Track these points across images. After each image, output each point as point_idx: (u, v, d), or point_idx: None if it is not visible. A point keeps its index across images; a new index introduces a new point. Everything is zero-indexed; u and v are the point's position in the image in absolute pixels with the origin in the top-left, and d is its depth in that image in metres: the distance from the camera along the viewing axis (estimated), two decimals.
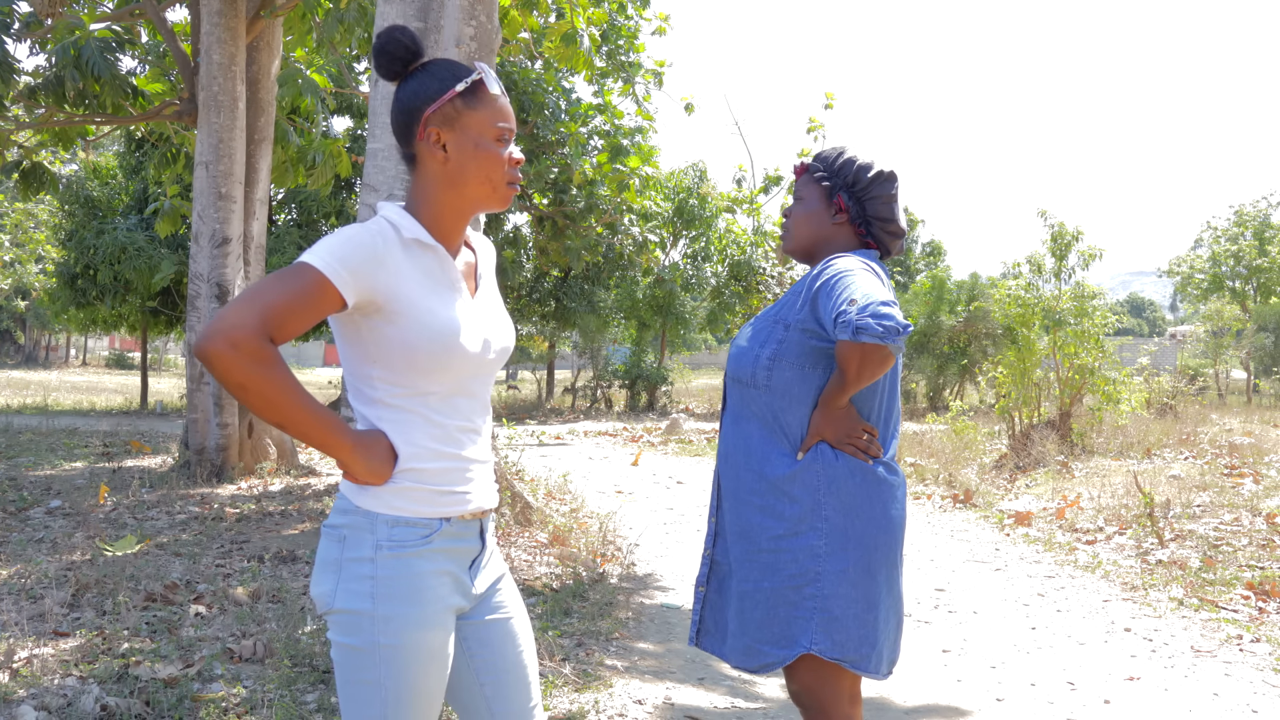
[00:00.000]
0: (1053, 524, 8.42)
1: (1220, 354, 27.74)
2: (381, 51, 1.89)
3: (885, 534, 2.41)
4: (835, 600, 2.37)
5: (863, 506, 2.39)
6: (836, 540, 2.38)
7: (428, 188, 1.92)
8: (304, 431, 1.78)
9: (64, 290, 20.56)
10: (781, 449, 2.44)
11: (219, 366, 1.69)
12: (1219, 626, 5.45)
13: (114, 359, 51.92)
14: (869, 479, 2.41)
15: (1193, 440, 13.20)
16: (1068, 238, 13.41)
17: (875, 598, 2.40)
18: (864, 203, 2.58)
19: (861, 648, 2.38)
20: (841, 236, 2.59)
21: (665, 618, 5.56)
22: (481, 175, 1.90)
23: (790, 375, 2.44)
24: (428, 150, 1.90)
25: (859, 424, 2.42)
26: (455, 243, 1.96)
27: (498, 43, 6.13)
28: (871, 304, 2.22)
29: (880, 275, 2.42)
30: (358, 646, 1.83)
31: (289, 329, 1.75)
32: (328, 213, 21.77)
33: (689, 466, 13.25)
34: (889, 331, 2.18)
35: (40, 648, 4.35)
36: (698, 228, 25.81)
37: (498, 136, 1.90)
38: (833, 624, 2.37)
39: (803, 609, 2.38)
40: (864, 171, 2.57)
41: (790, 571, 2.39)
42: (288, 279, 1.75)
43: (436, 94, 1.88)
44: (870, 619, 2.39)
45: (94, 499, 8.25)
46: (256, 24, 10.10)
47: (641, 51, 14.75)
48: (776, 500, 2.42)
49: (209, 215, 9.63)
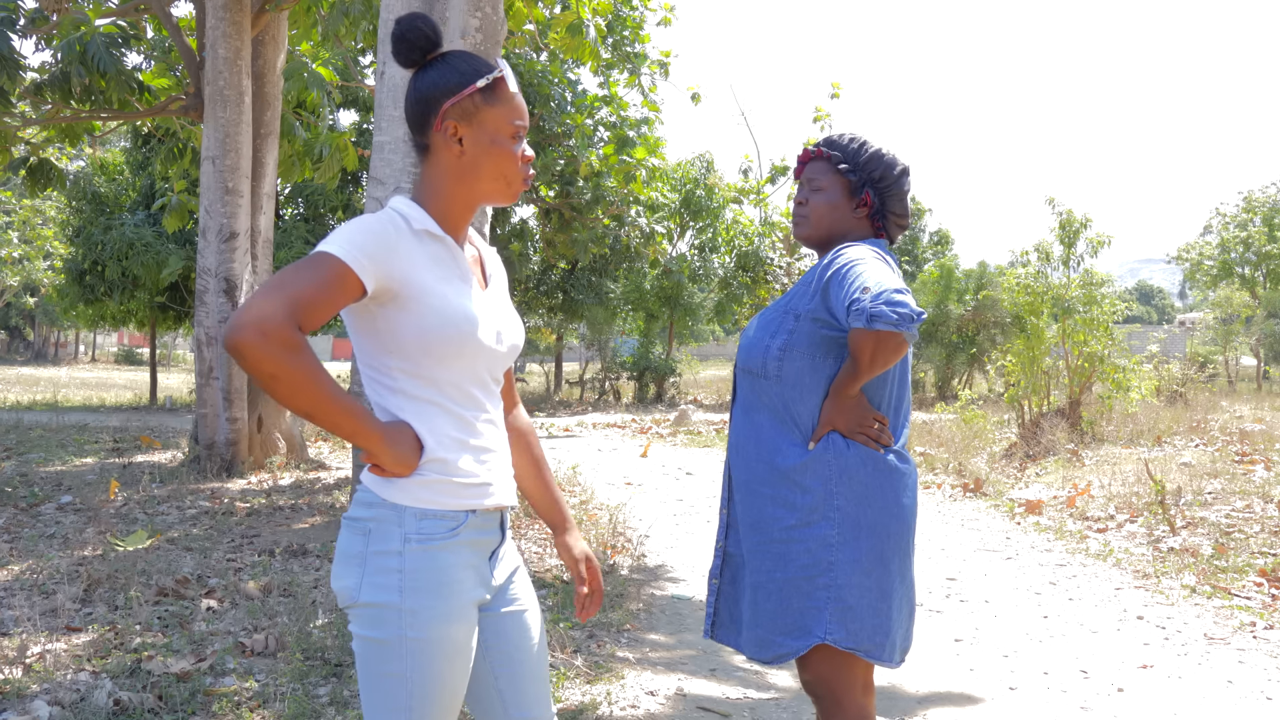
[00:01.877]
0: (1063, 512, 8.40)
1: (1230, 341, 27.62)
2: (401, 39, 1.89)
3: (897, 522, 2.40)
4: (849, 590, 2.36)
5: (875, 495, 2.38)
6: (849, 529, 2.37)
7: (439, 179, 1.92)
8: (334, 421, 1.77)
9: (72, 286, 20.62)
10: (793, 439, 2.43)
11: (251, 357, 1.67)
12: (1232, 614, 5.43)
13: (123, 355, 52.12)
14: (881, 468, 2.40)
15: (1203, 427, 13.15)
16: (1076, 225, 13.35)
17: (888, 586, 2.39)
18: (886, 197, 2.60)
19: (875, 636, 2.38)
20: (858, 227, 2.60)
21: (676, 609, 5.56)
22: (496, 172, 1.91)
23: (801, 365, 2.43)
24: (443, 143, 1.90)
25: (870, 413, 2.41)
26: (461, 234, 1.97)
27: (503, 34, 6.11)
28: (885, 291, 2.20)
29: (890, 264, 2.42)
30: (383, 640, 1.82)
31: (315, 317, 1.74)
32: (334, 206, 21.79)
33: (698, 458, 13.24)
34: (904, 319, 2.17)
35: (53, 643, 4.36)
36: (705, 219, 25.78)
37: (513, 134, 1.91)
38: (847, 613, 2.36)
39: (816, 599, 2.37)
40: (891, 168, 2.58)
41: (803, 562, 2.38)
42: (310, 268, 1.74)
43: (457, 88, 1.87)
44: (884, 608, 2.38)
45: (105, 494, 8.27)
46: (261, 18, 10.09)
47: (647, 42, 14.73)
48: (788, 490, 2.41)
49: (216, 210, 9.64)
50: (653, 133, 19.26)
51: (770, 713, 4.02)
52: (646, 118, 19.25)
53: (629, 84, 13.90)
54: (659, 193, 21.97)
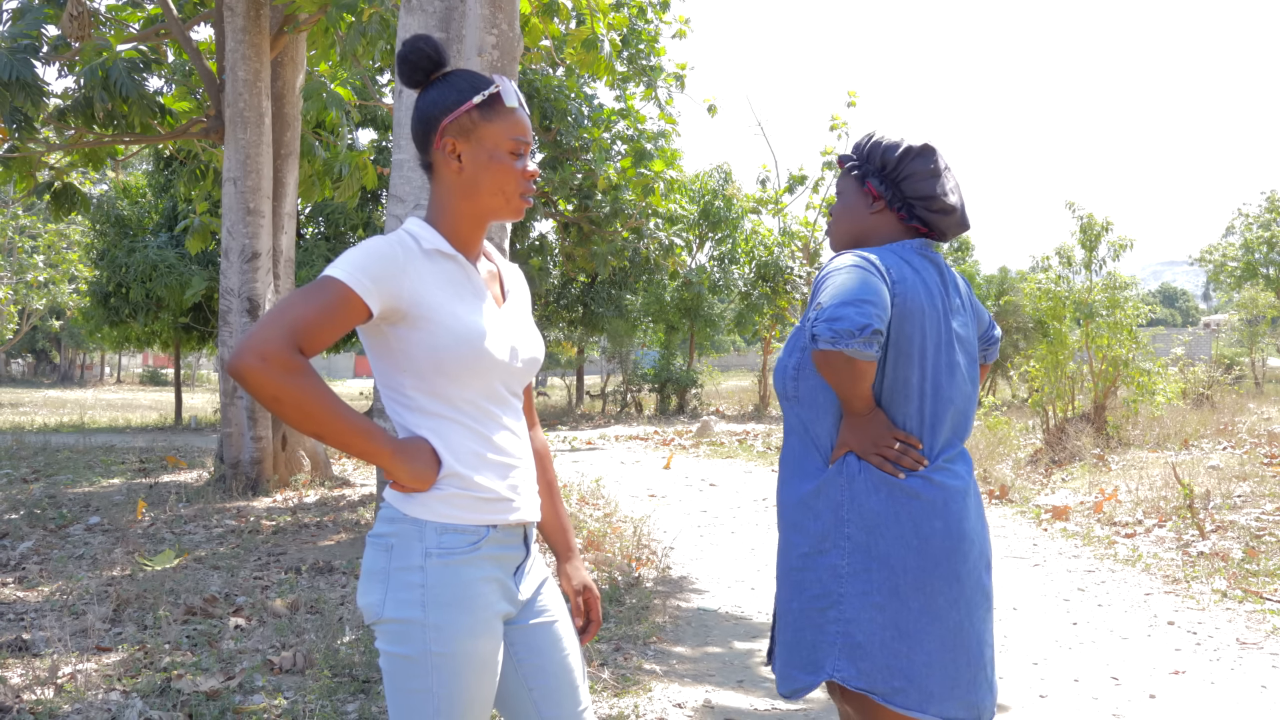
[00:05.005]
0: (1090, 518, 8.34)
1: (1255, 342, 27.38)
2: (404, 60, 1.93)
3: (916, 555, 2.18)
4: (857, 625, 2.19)
5: (888, 524, 2.20)
6: (859, 560, 2.21)
7: (444, 197, 1.95)
8: (343, 440, 1.79)
9: (97, 309, 20.81)
10: (814, 461, 2.31)
11: (251, 381, 1.71)
12: (1264, 618, 5.37)
13: (148, 376, 52.50)
14: (895, 494, 2.21)
15: (1230, 430, 13.03)
16: (1097, 228, 13.27)
17: (907, 626, 2.18)
18: (899, 184, 2.39)
19: (892, 680, 2.17)
20: (884, 226, 2.42)
21: (702, 620, 5.54)
22: (494, 187, 1.93)
23: (815, 383, 2.30)
24: (443, 160, 1.93)
25: (889, 433, 2.23)
26: (474, 250, 1.99)
27: (519, 50, 6.14)
28: (829, 307, 2.12)
29: (873, 271, 2.21)
30: (408, 655, 1.83)
31: (318, 341, 1.77)
32: (355, 225, 21.90)
33: (721, 469, 13.22)
34: (840, 336, 2.08)
35: (84, 663, 4.39)
36: (724, 229, 25.79)
37: (512, 150, 1.92)
38: (856, 651, 2.19)
39: (827, 632, 2.23)
40: (891, 151, 2.39)
41: (814, 592, 2.25)
42: (312, 293, 1.78)
43: (454, 105, 1.91)
44: (902, 649, 2.17)
45: (132, 515, 8.33)
46: (280, 40, 10.18)
47: (662, 55, 14.75)
48: (803, 516, 2.30)
49: (238, 231, 9.71)
50: (670, 145, 19.30)
51: None
52: (664, 130, 19.30)
53: (645, 97, 13.92)
54: (677, 205, 21.98)
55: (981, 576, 2.28)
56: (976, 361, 2.44)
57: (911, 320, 2.24)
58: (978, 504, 2.33)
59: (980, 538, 2.30)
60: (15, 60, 9.32)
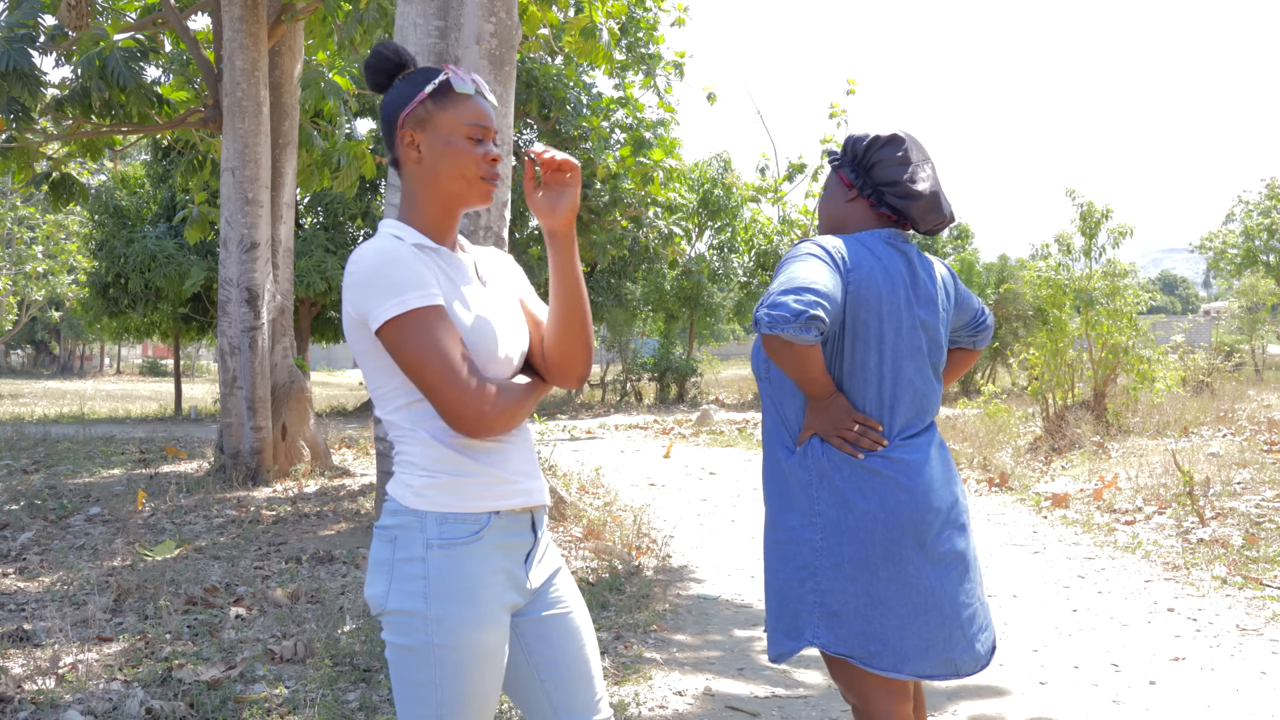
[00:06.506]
0: (1090, 505, 8.35)
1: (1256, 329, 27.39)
2: (368, 67, 1.98)
3: (883, 528, 2.31)
4: (832, 595, 2.34)
5: (854, 499, 2.33)
6: (831, 534, 2.34)
7: (412, 190, 1.98)
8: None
9: (96, 300, 20.80)
10: (785, 441, 2.45)
11: (500, 429, 1.87)
12: (1264, 604, 5.38)
13: (147, 366, 52.51)
14: (859, 472, 2.33)
15: (1230, 417, 13.03)
16: (1097, 216, 13.24)
17: (879, 593, 2.32)
18: (870, 171, 2.49)
19: (868, 644, 2.32)
20: (857, 214, 2.52)
21: (702, 609, 5.55)
22: (454, 172, 1.94)
23: None
24: (405, 152, 1.96)
25: (849, 416, 2.35)
26: (450, 240, 2.00)
27: (518, 39, 6.12)
28: (772, 294, 2.21)
29: (825, 259, 2.32)
30: (412, 647, 1.84)
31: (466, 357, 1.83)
32: (353, 214, 21.88)
33: (721, 457, 13.23)
34: (775, 321, 2.18)
35: (85, 653, 4.40)
36: (723, 218, 25.75)
37: (469, 135, 1.93)
38: (832, 619, 2.34)
39: (806, 602, 2.37)
40: (859, 141, 2.51)
41: (796, 564, 2.39)
42: (423, 335, 1.80)
43: (409, 98, 1.94)
44: (875, 616, 2.31)
45: (132, 505, 8.33)
46: (278, 28, 10.15)
47: (661, 43, 14.73)
48: (782, 491, 2.44)
49: (237, 220, 9.70)
50: (669, 133, 19.25)
51: (799, 711, 4.01)
52: (662, 119, 19.25)
53: (644, 85, 13.88)
54: (676, 193, 21.95)
55: (954, 540, 2.40)
56: (943, 347, 2.53)
57: (868, 306, 2.34)
58: (945, 471, 2.44)
59: (947, 504, 2.40)
60: (12, 50, 9.29)
